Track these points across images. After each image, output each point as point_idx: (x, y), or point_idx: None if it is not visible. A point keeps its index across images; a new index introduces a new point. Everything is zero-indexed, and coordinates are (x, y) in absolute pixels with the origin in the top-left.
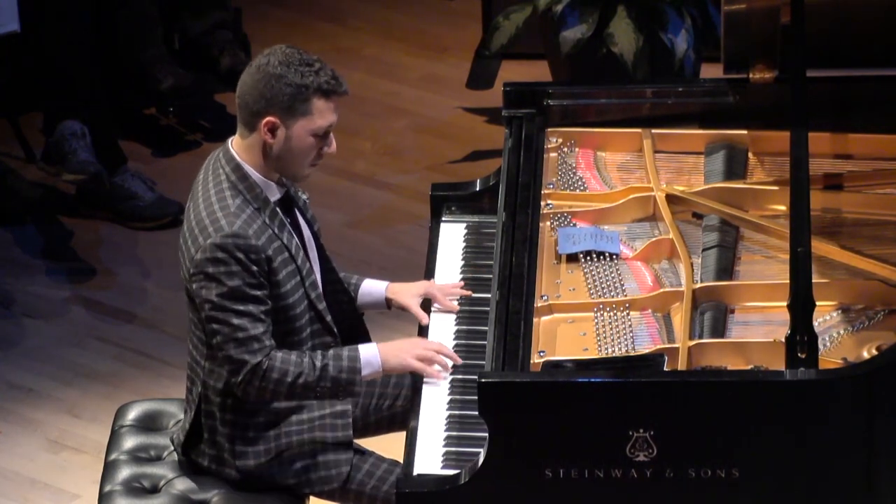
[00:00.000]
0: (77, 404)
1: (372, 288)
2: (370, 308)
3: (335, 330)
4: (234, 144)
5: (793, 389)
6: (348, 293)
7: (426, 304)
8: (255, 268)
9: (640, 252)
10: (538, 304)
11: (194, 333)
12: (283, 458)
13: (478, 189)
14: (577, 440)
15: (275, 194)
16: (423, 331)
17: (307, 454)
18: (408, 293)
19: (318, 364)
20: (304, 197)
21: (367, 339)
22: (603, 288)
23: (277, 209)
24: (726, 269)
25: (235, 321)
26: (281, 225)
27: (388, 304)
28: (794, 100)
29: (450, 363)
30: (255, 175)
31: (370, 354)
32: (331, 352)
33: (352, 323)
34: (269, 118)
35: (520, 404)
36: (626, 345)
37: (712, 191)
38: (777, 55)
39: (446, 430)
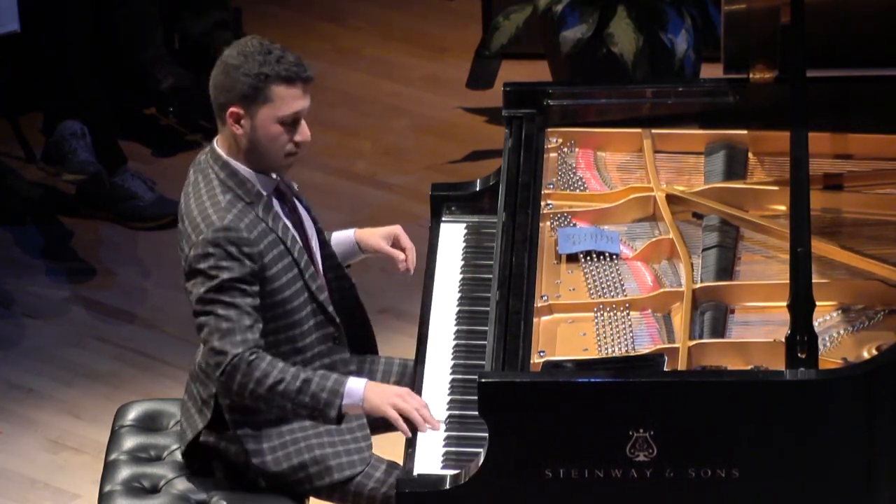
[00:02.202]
0: (77, 404)
1: (341, 237)
2: (345, 258)
3: (337, 320)
4: (218, 142)
5: (793, 389)
6: (349, 279)
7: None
8: (247, 261)
9: (640, 252)
10: (538, 304)
11: None
12: (300, 447)
13: (478, 189)
14: (577, 440)
15: (268, 187)
16: (424, 315)
17: (325, 444)
18: (376, 235)
19: (303, 376)
20: (295, 186)
21: (366, 324)
22: (603, 288)
23: (273, 201)
24: (726, 269)
25: (221, 311)
26: (276, 218)
27: (360, 248)
28: (794, 100)
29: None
30: (244, 170)
31: (356, 387)
32: (320, 371)
33: (354, 312)
34: (232, 108)
35: (520, 404)
36: (626, 345)
37: (712, 191)
38: (777, 55)
39: (446, 430)
